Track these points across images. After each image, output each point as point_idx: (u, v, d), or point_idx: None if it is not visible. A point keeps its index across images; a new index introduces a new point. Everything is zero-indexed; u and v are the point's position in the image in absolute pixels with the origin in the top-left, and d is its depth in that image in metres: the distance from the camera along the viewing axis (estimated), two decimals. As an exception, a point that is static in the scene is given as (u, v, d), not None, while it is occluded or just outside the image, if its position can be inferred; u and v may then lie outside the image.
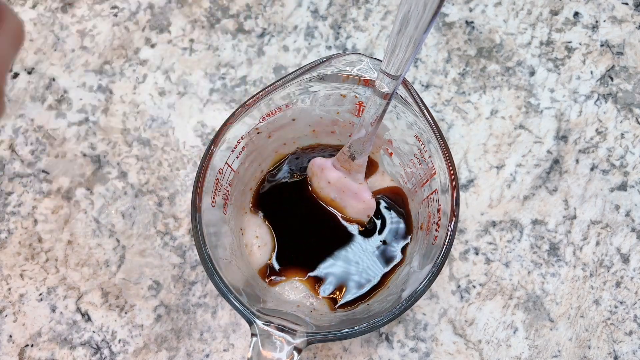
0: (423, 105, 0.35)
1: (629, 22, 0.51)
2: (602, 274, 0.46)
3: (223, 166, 0.36)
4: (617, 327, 0.45)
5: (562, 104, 0.49)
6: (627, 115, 0.49)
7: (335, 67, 0.35)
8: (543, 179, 0.47)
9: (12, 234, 0.46)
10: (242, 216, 0.42)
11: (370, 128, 0.34)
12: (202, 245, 0.33)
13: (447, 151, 0.34)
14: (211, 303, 0.45)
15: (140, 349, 0.44)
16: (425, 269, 0.34)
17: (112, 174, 0.47)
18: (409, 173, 0.41)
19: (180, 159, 0.48)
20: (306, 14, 0.51)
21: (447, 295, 0.45)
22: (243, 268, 0.39)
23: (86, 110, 0.49)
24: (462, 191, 0.47)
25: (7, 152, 0.48)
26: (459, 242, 0.46)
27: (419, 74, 0.49)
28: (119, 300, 0.45)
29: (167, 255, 0.46)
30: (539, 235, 0.46)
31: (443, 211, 0.35)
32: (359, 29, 0.50)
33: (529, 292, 0.45)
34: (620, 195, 0.47)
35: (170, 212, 0.46)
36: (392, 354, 0.44)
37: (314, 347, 0.44)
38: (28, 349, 0.44)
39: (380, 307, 0.36)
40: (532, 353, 0.44)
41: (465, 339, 0.44)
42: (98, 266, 0.45)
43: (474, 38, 0.50)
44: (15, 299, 0.45)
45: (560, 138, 0.48)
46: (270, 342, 0.31)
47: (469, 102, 0.49)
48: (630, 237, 0.46)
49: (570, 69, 0.50)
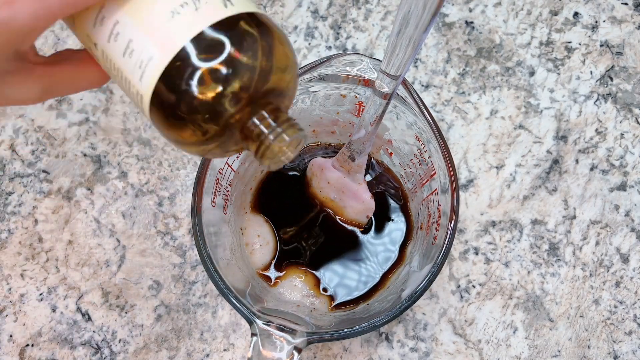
0: (423, 105, 0.35)
1: (628, 22, 0.51)
2: (602, 273, 0.46)
3: (223, 166, 0.36)
4: (617, 327, 0.45)
5: (562, 104, 0.49)
6: (627, 115, 0.49)
7: (335, 67, 0.35)
8: (543, 179, 0.47)
9: (12, 234, 0.46)
10: (243, 216, 0.42)
11: (370, 128, 0.34)
12: (202, 245, 0.33)
13: (446, 151, 0.34)
14: (211, 303, 0.45)
15: (141, 349, 0.44)
16: (425, 268, 0.34)
17: (113, 174, 0.47)
18: (409, 173, 0.41)
19: (180, 159, 0.48)
20: (306, 14, 0.51)
21: (447, 295, 0.45)
22: (243, 268, 0.39)
23: (86, 111, 0.49)
24: (462, 191, 0.47)
25: (7, 152, 0.48)
26: (458, 242, 0.46)
27: (419, 74, 0.49)
28: (119, 300, 0.45)
29: (168, 255, 0.46)
30: (539, 235, 0.46)
31: (443, 211, 0.35)
32: (359, 29, 0.50)
33: (529, 292, 0.45)
34: (620, 195, 0.47)
35: (171, 212, 0.46)
36: (392, 353, 0.44)
37: (314, 347, 0.44)
38: (28, 348, 0.44)
39: (380, 306, 0.36)
40: (532, 353, 0.44)
41: (465, 338, 0.44)
42: (98, 266, 0.46)
43: (474, 38, 0.50)
44: (16, 299, 0.45)
45: (560, 138, 0.48)
46: (270, 342, 0.32)
47: (469, 102, 0.49)
48: (629, 237, 0.46)
49: (570, 69, 0.50)
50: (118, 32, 0.22)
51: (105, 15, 0.23)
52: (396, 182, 0.43)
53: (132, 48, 0.22)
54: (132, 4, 0.22)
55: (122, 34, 0.22)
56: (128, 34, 0.22)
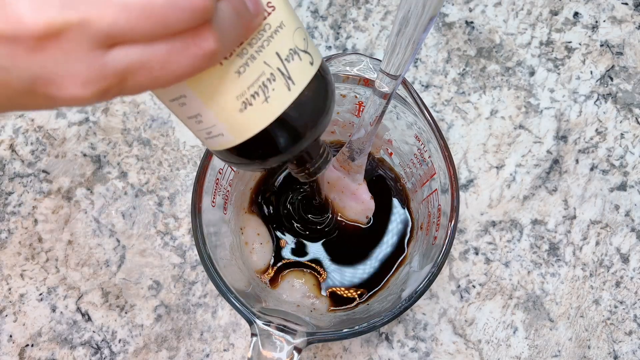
0: (423, 105, 0.35)
1: (628, 22, 0.51)
2: (602, 273, 0.46)
3: (223, 166, 0.36)
4: (617, 327, 0.45)
5: (562, 104, 0.49)
6: (627, 115, 0.49)
7: (335, 67, 0.35)
8: (543, 179, 0.47)
9: (12, 234, 0.46)
10: (242, 216, 0.42)
11: (370, 128, 0.34)
12: (202, 245, 0.33)
13: (446, 151, 0.34)
14: (211, 303, 0.45)
15: (141, 349, 0.44)
16: (425, 268, 0.34)
17: (113, 174, 0.47)
18: (409, 173, 0.41)
19: (180, 159, 0.48)
20: (306, 14, 0.51)
21: (447, 295, 0.45)
22: (243, 268, 0.39)
23: (86, 110, 0.49)
24: (462, 191, 0.47)
25: (7, 152, 0.48)
26: (458, 242, 0.46)
27: (419, 74, 0.49)
28: (119, 300, 0.45)
29: (167, 255, 0.46)
30: (539, 235, 0.46)
31: (443, 211, 0.35)
32: (359, 29, 0.50)
33: (529, 292, 0.45)
34: (620, 195, 0.47)
35: (171, 212, 0.46)
36: (392, 353, 0.44)
37: (314, 347, 0.44)
38: (28, 348, 0.44)
39: (380, 307, 0.36)
40: (532, 353, 0.44)
41: (465, 338, 0.44)
42: (98, 266, 0.45)
43: (474, 38, 0.50)
44: (16, 299, 0.45)
45: (560, 138, 0.48)
46: (270, 342, 0.31)
47: (469, 102, 0.49)
48: (630, 237, 0.46)
49: (570, 69, 0.50)
50: (184, 103, 0.23)
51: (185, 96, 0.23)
52: (399, 182, 0.43)
53: (200, 119, 0.23)
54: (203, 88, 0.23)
55: (189, 106, 0.23)
56: (196, 109, 0.23)
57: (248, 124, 0.23)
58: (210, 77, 0.22)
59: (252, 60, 0.22)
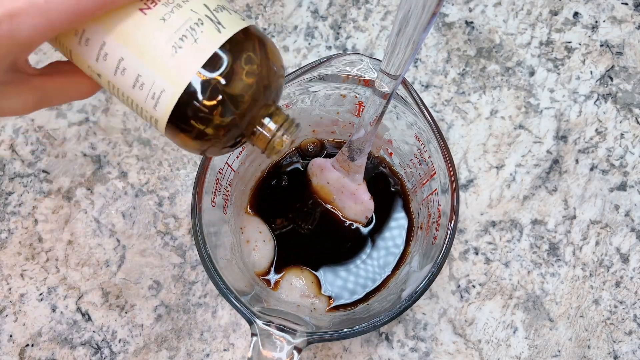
0: (423, 105, 0.35)
1: (628, 22, 0.51)
2: (602, 273, 0.46)
3: (223, 166, 0.36)
4: (617, 327, 0.45)
5: (562, 104, 0.49)
6: (627, 115, 0.49)
7: (335, 67, 0.35)
8: (543, 179, 0.47)
9: (12, 234, 0.46)
10: (242, 216, 0.42)
11: (370, 128, 0.34)
12: (202, 245, 0.33)
13: (446, 151, 0.34)
14: (211, 303, 0.45)
15: (141, 349, 0.44)
16: (425, 268, 0.34)
17: (113, 174, 0.47)
18: (409, 173, 0.41)
19: (180, 159, 0.48)
20: (306, 14, 0.51)
21: (447, 295, 0.45)
22: (243, 268, 0.39)
23: (86, 110, 0.49)
24: (462, 191, 0.47)
25: (7, 152, 0.48)
26: (458, 242, 0.46)
27: (419, 74, 0.49)
28: (119, 300, 0.45)
29: (168, 255, 0.46)
30: (539, 235, 0.46)
31: (443, 211, 0.35)
32: (359, 29, 0.50)
33: (529, 292, 0.45)
34: (620, 195, 0.47)
35: (171, 212, 0.46)
36: (392, 353, 0.44)
37: (314, 347, 0.44)
38: (28, 348, 0.44)
39: (380, 306, 0.36)
40: (532, 353, 0.44)
41: (465, 338, 0.44)
42: (98, 266, 0.46)
43: (474, 38, 0.50)
44: (16, 299, 0.45)
45: (560, 138, 0.48)
46: (270, 342, 0.32)
47: (469, 102, 0.49)
48: (629, 237, 0.46)
49: (570, 69, 0.50)
50: (125, 68, 0.24)
51: (107, 53, 0.24)
52: (399, 181, 0.43)
53: (141, 82, 0.24)
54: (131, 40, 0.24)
55: (129, 69, 0.24)
56: (135, 70, 0.24)
57: (183, 67, 0.23)
58: (137, 28, 0.23)
59: (178, 8, 0.24)
